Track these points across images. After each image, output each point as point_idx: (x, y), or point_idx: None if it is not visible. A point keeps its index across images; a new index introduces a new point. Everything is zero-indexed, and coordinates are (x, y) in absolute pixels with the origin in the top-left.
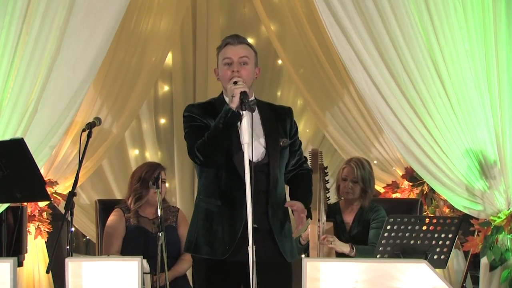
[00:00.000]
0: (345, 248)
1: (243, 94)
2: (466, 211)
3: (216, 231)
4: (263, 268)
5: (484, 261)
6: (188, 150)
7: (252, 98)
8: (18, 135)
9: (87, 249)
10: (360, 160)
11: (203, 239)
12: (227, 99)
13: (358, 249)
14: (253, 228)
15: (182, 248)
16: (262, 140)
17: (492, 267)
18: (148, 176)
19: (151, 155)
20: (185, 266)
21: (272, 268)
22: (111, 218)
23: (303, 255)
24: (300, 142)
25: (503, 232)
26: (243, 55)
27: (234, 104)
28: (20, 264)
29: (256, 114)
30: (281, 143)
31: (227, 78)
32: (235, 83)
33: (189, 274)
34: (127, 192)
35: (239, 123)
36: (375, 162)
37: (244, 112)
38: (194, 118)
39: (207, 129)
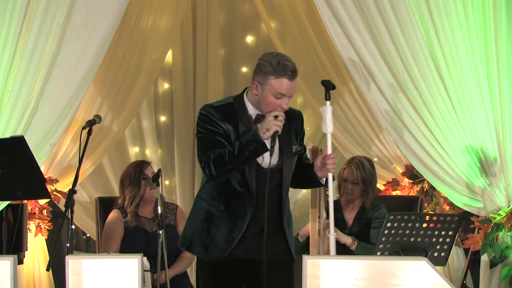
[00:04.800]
0: (347, 239)
1: (276, 133)
2: (466, 209)
3: (213, 234)
4: (273, 267)
5: (484, 258)
6: (200, 157)
7: None
8: (18, 133)
9: (87, 246)
10: (361, 161)
11: (199, 239)
12: (251, 107)
13: (360, 244)
14: (261, 230)
15: None
16: (277, 146)
17: (492, 264)
18: (137, 175)
19: (151, 153)
20: (185, 264)
21: (282, 268)
22: (110, 219)
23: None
24: (305, 147)
25: (503, 230)
26: (294, 91)
27: (266, 136)
28: (20, 261)
29: None
30: (294, 150)
31: (273, 107)
32: (276, 117)
33: (190, 272)
34: (120, 197)
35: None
36: (375, 159)
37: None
38: (212, 121)
39: (223, 137)
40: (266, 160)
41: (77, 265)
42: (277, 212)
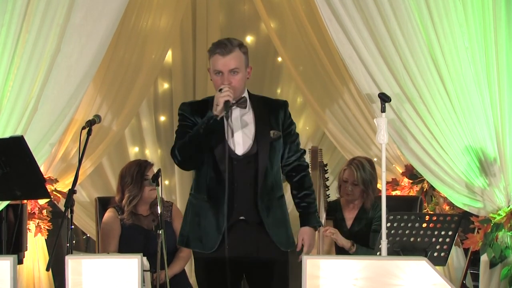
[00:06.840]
0: (346, 243)
1: (226, 103)
2: (466, 209)
3: (204, 226)
4: (261, 261)
5: (484, 258)
6: (171, 149)
7: (245, 94)
8: (18, 132)
9: (87, 246)
10: (361, 162)
11: (193, 234)
12: None
13: (359, 249)
14: (242, 220)
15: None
16: (251, 133)
17: (492, 264)
18: (140, 175)
19: (150, 153)
20: (182, 263)
21: (269, 260)
22: (106, 218)
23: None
24: (297, 134)
25: (503, 230)
26: (233, 67)
27: (218, 111)
28: (20, 261)
29: (249, 108)
30: (272, 135)
31: (217, 86)
32: (220, 90)
33: (189, 272)
34: (118, 194)
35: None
36: (375, 159)
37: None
38: (184, 117)
39: (192, 129)
40: (239, 147)
41: (76, 265)
42: (253, 200)
